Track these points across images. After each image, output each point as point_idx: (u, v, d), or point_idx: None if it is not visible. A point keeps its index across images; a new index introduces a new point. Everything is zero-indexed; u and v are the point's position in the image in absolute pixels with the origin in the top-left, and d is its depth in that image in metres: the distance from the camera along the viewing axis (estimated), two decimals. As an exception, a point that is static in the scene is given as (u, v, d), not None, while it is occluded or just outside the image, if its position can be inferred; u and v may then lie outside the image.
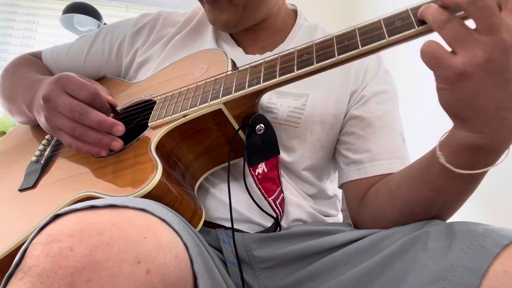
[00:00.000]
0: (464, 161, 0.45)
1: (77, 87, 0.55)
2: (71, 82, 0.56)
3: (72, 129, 0.55)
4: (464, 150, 0.44)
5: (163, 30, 0.78)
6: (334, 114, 0.66)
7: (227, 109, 0.53)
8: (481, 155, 0.44)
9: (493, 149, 0.43)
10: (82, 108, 0.54)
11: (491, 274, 0.37)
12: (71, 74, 0.58)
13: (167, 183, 0.48)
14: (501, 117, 0.40)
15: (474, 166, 0.44)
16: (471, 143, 0.43)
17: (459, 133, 0.44)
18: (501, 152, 0.44)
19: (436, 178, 0.49)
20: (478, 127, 0.41)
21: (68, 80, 0.56)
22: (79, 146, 0.56)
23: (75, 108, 0.54)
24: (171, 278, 0.34)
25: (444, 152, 0.46)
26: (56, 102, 0.55)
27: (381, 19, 0.46)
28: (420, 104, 1.48)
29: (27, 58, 0.82)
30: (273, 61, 0.53)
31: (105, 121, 0.54)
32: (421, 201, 0.52)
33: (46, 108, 0.56)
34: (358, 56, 0.47)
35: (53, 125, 0.57)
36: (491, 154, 0.44)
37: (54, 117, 0.56)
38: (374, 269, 0.46)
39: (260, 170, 0.57)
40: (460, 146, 0.44)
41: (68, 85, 0.55)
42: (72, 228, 0.32)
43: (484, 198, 1.34)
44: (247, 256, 0.56)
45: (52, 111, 0.56)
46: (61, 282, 0.29)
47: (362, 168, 0.64)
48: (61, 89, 0.55)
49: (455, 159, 0.45)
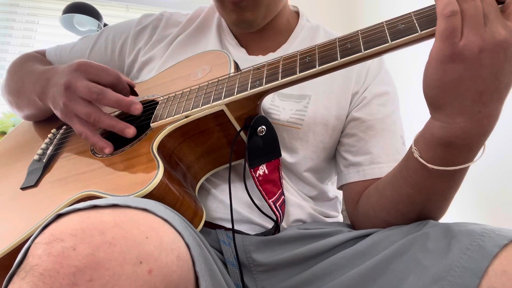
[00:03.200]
0: (437, 156, 0.45)
1: (99, 71, 0.57)
2: (93, 67, 0.57)
3: (88, 114, 0.55)
4: (437, 144, 0.45)
5: (166, 30, 0.79)
6: (336, 116, 0.67)
7: (229, 111, 0.53)
8: (453, 149, 0.44)
9: (465, 144, 0.44)
10: (101, 89, 0.55)
11: (490, 274, 0.37)
12: (90, 61, 0.59)
13: (168, 183, 0.48)
14: (475, 110, 0.41)
15: (448, 162, 0.45)
16: (444, 135, 0.44)
17: (433, 125, 0.45)
18: (473, 149, 0.45)
19: (413, 175, 0.50)
20: (452, 115, 0.42)
21: (89, 66, 0.57)
22: (89, 135, 0.56)
23: (93, 89, 0.55)
24: (173, 278, 0.34)
25: (419, 146, 0.47)
26: (76, 88, 0.55)
27: (384, 23, 0.46)
28: (420, 106, 1.48)
29: (32, 55, 0.83)
30: (275, 63, 0.54)
31: (123, 100, 0.55)
32: (404, 199, 0.53)
33: (66, 95, 0.56)
34: (361, 59, 0.47)
35: (70, 111, 0.57)
36: (463, 150, 0.44)
37: (73, 103, 0.56)
38: (373, 270, 0.47)
39: (261, 172, 0.57)
40: (433, 139, 0.45)
41: (89, 70, 0.57)
42: (74, 228, 0.32)
43: (483, 198, 1.35)
44: (246, 258, 0.56)
45: (72, 97, 0.56)
46: (63, 282, 0.29)
47: (361, 171, 0.64)
48: (82, 75, 0.56)
49: (428, 154, 0.46)
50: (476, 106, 0.41)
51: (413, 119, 1.54)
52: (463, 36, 0.39)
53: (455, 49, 0.39)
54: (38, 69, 0.70)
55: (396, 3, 1.91)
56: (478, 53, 0.38)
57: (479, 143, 0.44)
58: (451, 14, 0.39)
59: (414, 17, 0.44)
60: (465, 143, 0.44)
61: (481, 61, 0.38)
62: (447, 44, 0.39)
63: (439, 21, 0.40)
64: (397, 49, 0.45)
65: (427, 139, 0.46)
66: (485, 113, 0.41)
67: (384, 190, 0.57)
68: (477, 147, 0.45)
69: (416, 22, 0.43)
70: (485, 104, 0.41)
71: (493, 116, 0.42)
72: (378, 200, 0.58)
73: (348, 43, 0.48)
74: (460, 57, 0.39)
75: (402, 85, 1.14)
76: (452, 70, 0.40)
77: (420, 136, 0.48)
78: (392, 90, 0.71)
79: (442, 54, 0.40)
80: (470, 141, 0.44)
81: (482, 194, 1.35)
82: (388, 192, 0.55)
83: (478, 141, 0.44)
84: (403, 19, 0.45)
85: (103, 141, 0.56)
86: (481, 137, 0.44)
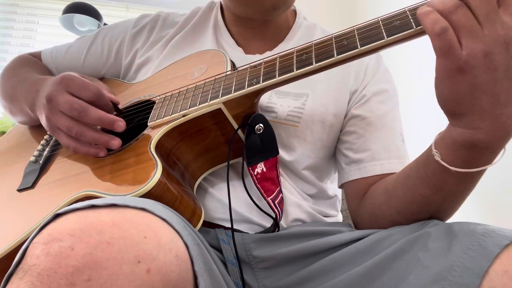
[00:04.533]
0: (459, 158, 0.45)
1: (80, 87, 0.56)
2: (74, 82, 0.56)
3: (69, 128, 0.55)
4: (459, 147, 0.44)
5: (163, 31, 0.78)
6: (334, 114, 0.66)
7: (226, 109, 0.53)
8: (475, 152, 0.44)
9: (488, 147, 0.43)
10: (82, 105, 0.54)
11: (491, 274, 0.37)
12: (74, 74, 0.58)
13: (166, 182, 0.48)
14: (497, 113, 0.40)
15: (470, 164, 0.45)
16: (466, 139, 0.43)
17: (454, 130, 0.44)
18: (496, 151, 0.44)
19: (432, 176, 0.49)
20: (474, 122, 0.42)
21: (71, 80, 0.56)
22: (77, 147, 0.56)
23: (75, 105, 0.54)
24: (172, 278, 0.34)
25: (439, 149, 0.46)
26: (58, 102, 0.55)
27: (379, 20, 0.46)
28: (420, 104, 1.49)
29: (26, 58, 0.82)
30: (272, 61, 0.54)
31: (106, 118, 0.55)
32: (418, 199, 0.52)
33: (48, 108, 0.56)
34: (357, 56, 0.47)
35: (53, 125, 0.57)
36: (486, 153, 0.44)
37: (55, 116, 0.56)
38: (374, 269, 0.46)
39: (259, 170, 0.57)
40: (455, 143, 0.44)
41: (71, 85, 0.56)
42: (72, 228, 0.32)
43: (484, 198, 1.34)
44: (246, 256, 0.56)
45: (53, 111, 0.56)
46: (61, 282, 0.29)
47: (362, 168, 0.64)
48: (64, 89, 0.56)
49: (450, 157, 0.45)
50: (496, 108, 0.40)
51: (413, 117, 1.54)
52: (463, 46, 0.38)
53: (459, 61, 0.38)
54: (30, 78, 0.70)
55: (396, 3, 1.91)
56: (483, 57, 0.37)
57: (503, 144, 0.43)
58: (441, 32, 0.38)
59: (409, 13, 0.44)
60: (488, 146, 0.43)
61: (488, 64, 0.38)
62: (449, 60, 0.39)
63: (432, 40, 0.39)
64: (393, 45, 0.45)
65: (448, 143, 0.45)
66: (507, 113, 0.40)
67: (395, 191, 0.56)
68: (500, 148, 0.44)
69: (411, 18, 0.43)
70: (505, 104, 0.40)
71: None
72: (387, 201, 0.57)
73: (344, 40, 0.48)
74: (467, 67, 0.38)
75: (401, 83, 1.14)
76: (463, 81, 0.39)
77: (440, 139, 0.47)
78: (391, 88, 0.71)
79: (449, 69, 0.39)
80: (494, 143, 0.43)
81: (483, 194, 1.35)
82: (401, 193, 0.54)
83: (502, 142, 0.43)
84: (398, 16, 0.45)
85: (94, 149, 0.55)
86: (505, 138, 0.43)
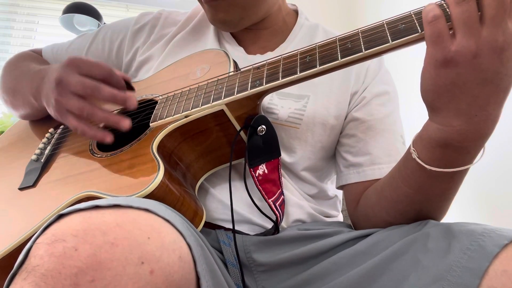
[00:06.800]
0: (435, 157, 0.46)
1: (92, 66, 0.56)
2: (85, 62, 0.56)
3: (80, 109, 0.54)
4: (434, 145, 0.45)
5: (164, 29, 0.78)
6: (335, 116, 0.67)
7: (229, 110, 0.53)
8: (451, 151, 0.44)
9: (462, 147, 0.44)
10: (95, 83, 0.54)
11: (490, 274, 0.37)
12: (81, 56, 0.58)
13: (168, 183, 0.48)
14: (471, 113, 0.41)
15: (447, 164, 0.45)
16: (440, 137, 0.44)
17: (431, 126, 0.45)
18: (471, 152, 0.45)
19: (412, 175, 0.50)
20: (447, 119, 0.43)
21: (81, 61, 0.56)
22: (85, 130, 0.55)
23: (87, 83, 0.54)
24: (175, 278, 0.34)
25: (417, 147, 0.47)
26: (69, 83, 0.55)
27: (384, 23, 0.46)
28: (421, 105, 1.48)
29: (28, 53, 0.82)
30: (275, 63, 0.54)
31: (118, 94, 0.54)
32: (402, 199, 0.53)
33: (57, 91, 0.56)
34: (361, 59, 0.47)
35: (63, 108, 0.56)
36: (461, 153, 0.44)
37: (65, 98, 0.55)
38: (373, 270, 0.47)
39: (260, 172, 0.57)
40: (430, 141, 0.45)
41: (82, 65, 0.56)
42: (76, 228, 0.32)
43: (483, 198, 1.35)
44: (246, 258, 0.56)
45: (64, 93, 0.55)
46: (65, 282, 0.29)
47: (362, 172, 0.64)
48: (74, 70, 0.56)
49: (427, 155, 0.46)
50: (472, 109, 0.41)
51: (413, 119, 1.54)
52: (456, 41, 0.38)
53: (446, 54, 0.39)
54: (33, 68, 0.69)
55: (397, 3, 1.91)
56: (472, 58, 0.38)
57: (477, 146, 0.44)
58: (433, 19, 0.39)
59: (414, 17, 0.44)
60: (463, 146, 0.44)
61: (475, 66, 0.38)
62: (437, 49, 0.40)
63: (424, 27, 0.40)
64: (397, 49, 0.45)
65: (424, 141, 0.46)
66: (482, 116, 0.41)
67: (382, 191, 0.57)
68: (475, 150, 0.45)
69: (416, 21, 0.43)
70: (482, 107, 0.40)
71: (491, 120, 0.42)
72: (377, 201, 0.58)
73: (349, 42, 0.48)
74: (453, 62, 0.39)
75: (402, 85, 1.14)
76: (445, 75, 0.40)
77: (418, 137, 0.48)
78: (391, 90, 0.71)
79: (434, 59, 0.40)
80: (468, 143, 0.43)
81: (482, 194, 1.35)
82: (387, 193, 0.55)
83: (476, 144, 0.44)
84: (404, 19, 0.44)
85: (102, 132, 0.55)
86: (479, 140, 0.43)
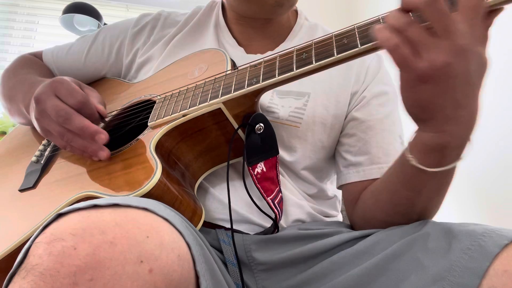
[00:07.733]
0: (433, 160, 0.46)
1: (67, 93, 0.55)
2: (63, 87, 0.56)
3: (61, 134, 0.55)
4: (431, 150, 0.45)
5: (164, 30, 0.78)
6: (335, 115, 0.66)
7: (226, 109, 0.53)
8: (447, 152, 0.45)
9: (456, 145, 0.45)
10: (67, 112, 0.54)
11: (491, 274, 0.37)
12: (65, 79, 0.58)
13: (166, 182, 0.48)
14: (458, 114, 0.42)
15: (442, 162, 0.46)
16: (436, 143, 0.44)
17: (423, 135, 0.46)
18: (464, 145, 0.46)
19: (412, 179, 0.50)
20: (438, 126, 0.43)
21: (60, 84, 0.56)
22: (72, 150, 0.56)
23: (60, 112, 0.54)
24: (174, 278, 0.34)
25: (413, 154, 0.48)
26: (45, 104, 0.55)
27: (380, 18, 0.46)
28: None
29: (28, 59, 0.82)
30: (272, 61, 0.54)
31: (88, 128, 0.54)
32: (403, 202, 0.53)
33: (36, 109, 0.56)
34: (358, 54, 0.47)
35: (43, 127, 0.57)
36: (456, 150, 0.45)
37: (44, 119, 0.56)
38: (373, 270, 0.47)
39: (259, 170, 0.57)
40: (426, 147, 0.46)
41: (59, 89, 0.56)
42: (75, 227, 0.32)
43: (483, 198, 1.34)
44: (246, 257, 0.56)
45: (42, 113, 0.56)
46: (64, 281, 0.29)
47: (361, 171, 0.64)
48: (52, 92, 0.55)
49: (425, 159, 0.47)
50: (457, 111, 0.42)
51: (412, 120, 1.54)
52: (423, 59, 0.39)
53: (418, 72, 0.39)
54: (29, 80, 0.70)
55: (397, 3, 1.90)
56: (444, 67, 0.39)
57: (468, 138, 0.45)
58: (394, 48, 0.40)
59: (410, 12, 0.43)
60: (457, 144, 0.45)
61: (449, 73, 0.39)
62: (408, 71, 0.40)
63: (390, 55, 0.41)
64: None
65: (420, 148, 0.47)
66: (468, 112, 0.42)
67: (380, 194, 0.57)
68: (467, 140, 0.46)
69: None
70: (465, 106, 0.42)
71: (475, 112, 0.43)
72: (375, 204, 0.58)
73: (345, 38, 0.48)
74: (426, 77, 0.40)
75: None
76: (425, 89, 0.41)
77: (412, 145, 0.48)
78: (391, 90, 0.71)
79: (410, 80, 0.41)
80: (461, 140, 0.45)
81: (482, 194, 1.35)
82: (385, 196, 0.56)
83: (468, 137, 0.45)
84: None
85: (95, 147, 0.54)
86: (470, 133, 0.44)
